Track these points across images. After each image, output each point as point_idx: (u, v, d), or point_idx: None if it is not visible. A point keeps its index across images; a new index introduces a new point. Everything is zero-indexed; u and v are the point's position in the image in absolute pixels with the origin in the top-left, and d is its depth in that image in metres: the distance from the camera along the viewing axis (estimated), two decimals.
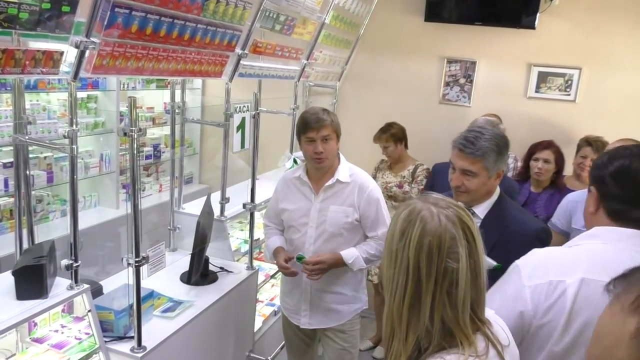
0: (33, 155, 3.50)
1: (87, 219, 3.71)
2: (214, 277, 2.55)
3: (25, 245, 1.94)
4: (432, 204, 1.05)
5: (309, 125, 2.29)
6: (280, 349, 2.97)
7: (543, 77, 3.83)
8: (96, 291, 2.08)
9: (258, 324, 2.91)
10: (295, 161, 3.57)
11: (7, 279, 1.79)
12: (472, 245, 1.03)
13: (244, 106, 2.72)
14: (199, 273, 2.48)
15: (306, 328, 2.51)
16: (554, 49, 3.76)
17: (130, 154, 1.82)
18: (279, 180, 2.59)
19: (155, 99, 4.65)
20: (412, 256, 1.01)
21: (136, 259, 1.85)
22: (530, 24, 3.68)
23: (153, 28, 1.88)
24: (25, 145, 1.86)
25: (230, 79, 2.62)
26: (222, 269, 2.63)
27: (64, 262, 1.83)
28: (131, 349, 1.89)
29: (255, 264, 2.83)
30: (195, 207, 2.76)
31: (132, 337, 1.92)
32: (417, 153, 3.75)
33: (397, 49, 4.16)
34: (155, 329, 2.05)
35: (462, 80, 4.05)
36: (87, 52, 1.68)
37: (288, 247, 2.47)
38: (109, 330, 1.94)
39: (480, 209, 1.82)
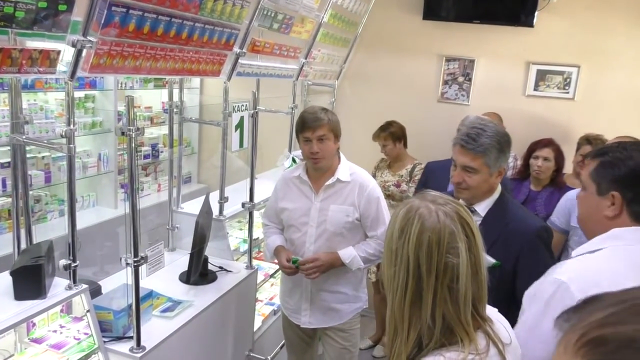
0: (31, 155, 3.49)
1: (86, 219, 3.71)
2: (213, 277, 2.54)
3: (23, 245, 1.93)
4: (430, 202, 1.06)
5: (306, 125, 2.29)
6: (280, 348, 2.96)
7: (542, 75, 3.83)
8: (95, 291, 2.07)
9: (257, 323, 2.90)
10: (294, 160, 3.56)
11: (5, 279, 1.78)
12: (472, 240, 1.03)
13: (242, 105, 2.72)
14: (198, 273, 2.47)
15: (306, 327, 2.51)
16: (553, 47, 3.76)
17: (129, 153, 1.82)
18: (279, 179, 2.58)
19: (153, 99, 4.65)
20: (412, 253, 1.01)
21: (135, 259, 1.85)
22: (529, 22, 3.68)
23: (150, 27, 1.87)
24: (23, 145, 1.85)
25: (229, 78, 2.61)
26: (221, 268, 2.62)
27: (63, 262, 1.82)
28: (130, 349, 1.89)
29: (255, 263, 2.82)
30: (194, 207, 2.75)
31: (131, 337, 1.91)
32: (416, 152, 3.75)
33: (395, 48, 4.16)
34: (155, 329, 2.04)
35: (461, 79, 4.04)
36: (84, 51, 1.67)
37: (288, 247, 2.46)
38: (108, 331, 1.93)
39: (481, 207, 1.81)
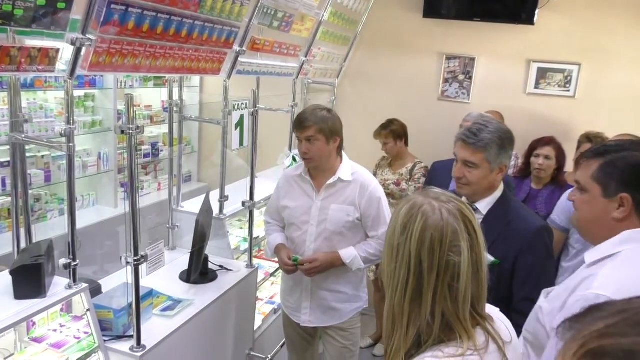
0: (31, 154, 3.48)
1: (86, 218, 3.70)
2: (213, 276, 2.54)
3: (23, 244, 1.93)
4: (433, 199, 1.05)
5: (295, 125, 2.33)
6: (281, 347, 2.96)
7: (542, 73, 3.82)
8: (95, 290, 2.07)
9: (258, 322, 2.90)
10: (294, 159, 3.55)
11: (5, 278, 1.78)
12: (474, 238, 1.03)
13: (242, 104, 2.71)
14: (199, 271, 2.47)
15: (307, 326, 2.51)
16: (553, 44, 3.75)
17: (128, 152, 1.81)
18: (281, 177, 2.58)
19: (153, 97, 4.64)
20: (414, 250, 1.01)
21: (135, 258, 1.85)
22: (530, 19, 3.67)
23: (150, 25, 1.86)
24: (22, 144, 1.85)
25: (229, 77, 2.61)
26: (222, 267, 2.62)
27: (62, 261, 1.82)
28: (130, 348, 1.88)
29: (255, 262, 2.82)
30: (194, 206, 2.75)
31: (132, 336, 1.91)
32: (416, 150, 3.74)
33: (396, 46, 4.15)
34: (155, 328, 2.04)
35: (461, 77, 4.03)
36: (84, 50, 1.66)
37: (289, 245, 2.46)
38: (108, 330, 1.92)
39: (483, 204, 1.81)
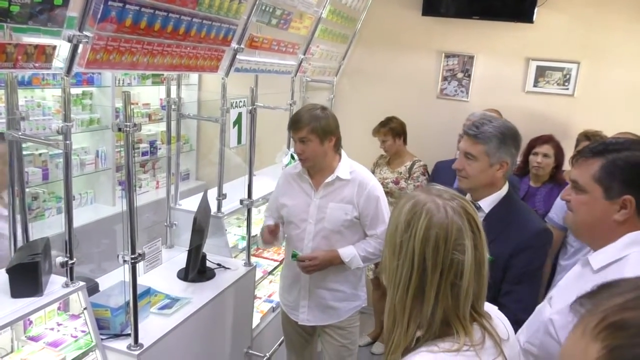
0: (28, 152, 3.47)
1: (83, 216, 3.69)
2: (211, 274, 2.53)
3: (20, 243, 1.92)
4: (436, 196, 1.04)
5: (289, 125, 2.33)
6: (279, 345, 2.96)
7: (541, 72, 3.82)
8: (92, 289, 2.06)
9: (256, 320, 2.90)
10: (292, 157, 3.55)
11: (2, 276, 1.77)
12: (477, 236, 1.03)
13: (240, 101, 2.70)
14: (196, 270, 2.46)
15: (305, 324, 2.50)
16: (553, 43, 3.75)
17: (126, 149, 1.80)
18: (281, 175, 2.58)
19: (151, 95, 4.63)
20: (418, 248, 1.00)
21: (132, 256, 1.84)
22: (529, 17, 3.67)
23: (147, 22, 1.85)
24: (19, 142, 1.84)
25: (227, 74, 2.60)
26: (220, 265, 2.61)
27: (59, 260, 1.81)
28: (128, 347, 1.88)
29: (253, 260, 2.81)
30: (192, 204, 2.74)
31: (129, 335, 1.90)
32: (415, 148, 3.74)
33: (395, 44, 4.14)
34: (152, 326, 2.03)
35: (460, 75, 4.03)
36: (80, 47, 1.66)
37: (287, 243, 2.46)
38: (106, 328, 1.92)
39: (486, 202, 1.80)
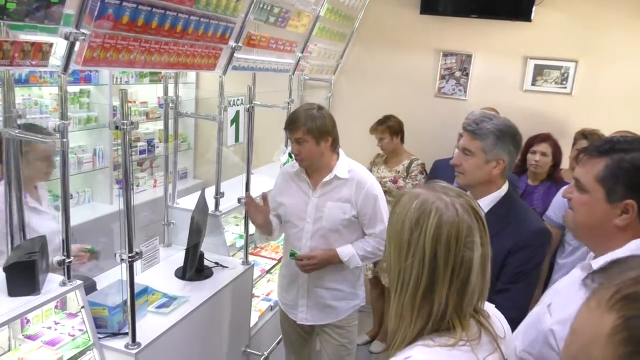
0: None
1: (81, 215, 3.68)
2: (209, 273, 2.53)
3: (17, 241, 1.92)
4: (443, 193, 1.03)
5: (286, 125, 2.33)
6: (277, 344, 2.96)
7: (539, 70, 3.82)
8: (90, 287, 2.06)
9: (254, 319, 2.90)
10: (290, 155, 3.55)
11: None
12: (484, 233, 1.02)
13: (238, 100, 2.70)
14: (194, 268, 2.46)
15: (303, 324, 2.51)
16: (551, 41, 3.75)
17: (123, 147, 1.80)
18: (279, 173, 2.58)
19: (149, 94, 4.62)
20: (429, 247, 0.99)
21: (129, 255, 1.83)
22: (527, 16, 3.67)
23: (145, 19, 1.85)
24: (16, 140, 1.84)
25: (224, 72, 2.60)
26: (217, 264, 2.61)
27: (57, 258, 1.81)
28: (125, 345, 1.88)
29: (251, 258, 2.81)
30: (189, 202, 2.74)
31: (127, 334, 1.90)
32: (412, 147, 3.74)
33: (393, 42, 4.14)
34: (150, 325, 2.03)
35: (458, 74, 4.03)
36: (77, 44, 1.65)
37: (284, 243, 2.46)
38: (103, 327, 1.92)
39: (485, 202, 1.79)
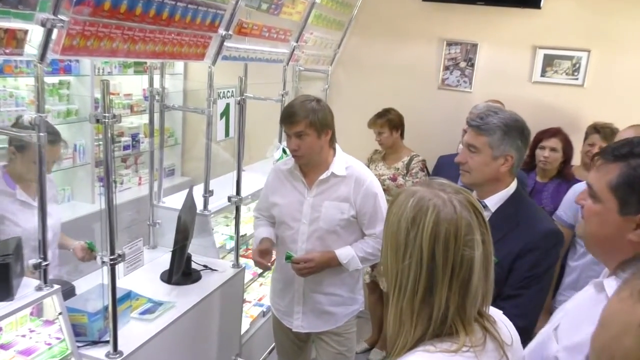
0: (1, 145, 3.43)
1: (60, 215, 3.65)
2: (197, 276, 2.52)
3: None
4: (440, 190, 1.03)
5: (283, 120, 2.28)
6: (269, 353, 2.95)
7: (549, 60, 3.81)
8: (68, 292, 2.04)
9: (245, 325, 2.89)
10: (284, 151, 3.53)
11: None
12: (484, 230, 1.02)
13: (228, 92, 2.67)
14: (181, 272, 2.45)
15: (299, 331, 2.48)
16: (561, 30, 3.74)
17: (104, 142, 1.77)
18: (270, 171, 2.56)
19: (134, 85, 4.60)
20: (427, 246, 0.98)
21: (111, 257, 1.81)
22: (536, 3, 3.66)
23: (128, 5, 1.83)
24: None
25: (213, 63, 2.58)
26: (206, 267, 2.60)
27: (32, 261, 1.78)
28: (106, 355, 1.86)
29: (242, 261, 2.79)
30: (176, 201, 2.72)
31: (108, 342, 1.88)
32: (414, 141, 3.72)
33: (393, 31, 4.12)
34: (133, 333, 2.02)
35: (463, 64, 4.02)
36: (55, 31, 1.63)
37: (279, 245, 2.44)
38: (82, 335, 1.90)
39: (492, 201, 1.79)
